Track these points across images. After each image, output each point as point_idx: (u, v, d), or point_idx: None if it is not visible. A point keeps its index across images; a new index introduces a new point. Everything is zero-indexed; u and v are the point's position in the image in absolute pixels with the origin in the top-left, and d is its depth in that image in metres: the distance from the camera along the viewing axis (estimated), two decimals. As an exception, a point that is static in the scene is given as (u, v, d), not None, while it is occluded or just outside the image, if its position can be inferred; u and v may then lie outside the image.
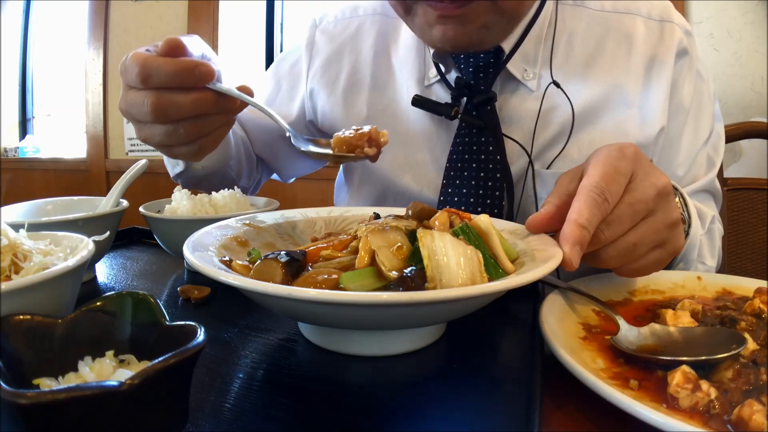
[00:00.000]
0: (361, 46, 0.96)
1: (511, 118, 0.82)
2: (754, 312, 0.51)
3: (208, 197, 0.80)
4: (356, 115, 0.94)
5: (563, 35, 0.83)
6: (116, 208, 0.74)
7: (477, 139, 0.80)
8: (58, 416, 0.29)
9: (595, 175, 0.49)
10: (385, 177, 0.91)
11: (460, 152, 0.81)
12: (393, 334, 0.49)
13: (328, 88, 0.96)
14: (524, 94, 0.82)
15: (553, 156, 0.80)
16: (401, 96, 0.91)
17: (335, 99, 0.95)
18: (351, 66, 0.95)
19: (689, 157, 0.85)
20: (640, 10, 0.83)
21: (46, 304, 0.43)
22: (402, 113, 0.90)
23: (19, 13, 3.53)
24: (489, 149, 0.79)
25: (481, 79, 0.81)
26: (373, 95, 0.93)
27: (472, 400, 0.42)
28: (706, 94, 0.87)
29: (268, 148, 1.06)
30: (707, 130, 0.87)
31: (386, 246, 0.47)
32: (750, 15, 1.93)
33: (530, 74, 0.82)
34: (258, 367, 0.47)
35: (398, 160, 0.90)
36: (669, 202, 0.52)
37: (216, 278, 0.41)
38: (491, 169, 0.78)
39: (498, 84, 0.83)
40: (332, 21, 1.00)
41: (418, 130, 0.89)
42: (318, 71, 0.98)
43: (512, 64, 0.81)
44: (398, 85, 0.92)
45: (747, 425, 0.35)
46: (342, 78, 0.95)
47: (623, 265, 0.52)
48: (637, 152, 0.52)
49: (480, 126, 0.79)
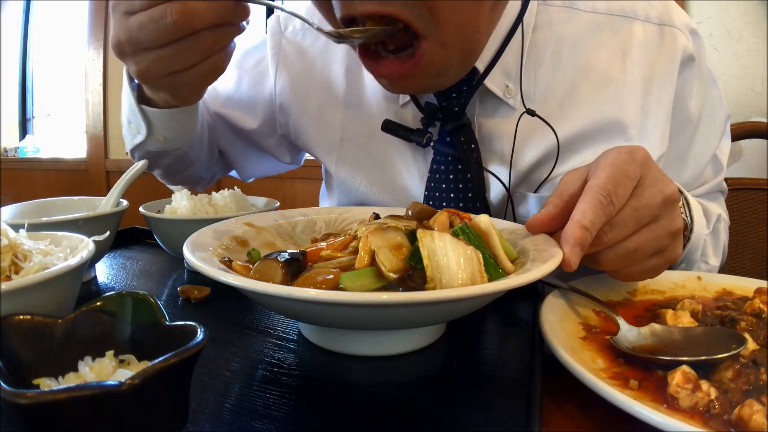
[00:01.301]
0: (331, 61, 0.89)
1: (491, 139, 0.76)
2: (754, 312, 0.51)
3: (208, 197, 0.80)
4: (330, 135, 0.89)
5: (549, 44, 0.75)
6: (116, 208, 0.74)
7: (453, 167, 0.75)
8: (58, 416, 0.29)
9: (603, 176, 0.48)
10: (365, 198, 0.88)
11: (437, 180, 0.77)
12: (393, 334, 0.49)
13: (300, 105, 0.91)
14: (506, 112, 0.75)
15: (540, 178, 0.75)
16: (375, 116, 0.84)
17: (307, 118, 0.91)
18: (323, 83, 0.89)
19: (698, 169, 0.82)
20: (636, 11, 0.74)
21: (46, 304, 0.43)
22: (378, 134, 0.81)
23: (19, 13, 3.54)
24: (466, 177, 0.74)
25: (454, 100, 0.74)
26: (347, 114, 0.88)
27: (472, 400, 0.42)
28: (717, 97, 0.82)
29: (233, 145, 1.01)
30: (718, 136, 0.84)
31: (386, 246, 0.47)
32: (750, 15, 1.93)
33: (512, 90, 0.74)
34: (258, 367, 0.47)
35: (378, 182, 0.86)
36: (674, 210, 0.52)
37: (216, 278, 0.41)
38: (470, 198, 0.75)
39: (476, 102, 0.76)
40: (299, 29, 0.92)
41: (395, 154, 0.84)
42: (287, 86, 0.92)
43: (491, 79, 0.73)
44: (371, 104, 0.85)
45: (747, 425, 0.35)
46: (313, 95, 0.90)
47: (620, 269, 0.52)
48: (647, 157, 0.51)
49: (454, 155, 0.74)
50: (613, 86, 0.73)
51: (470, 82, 0.74)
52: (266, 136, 0.99)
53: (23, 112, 3.63)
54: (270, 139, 0.99)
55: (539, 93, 0.75)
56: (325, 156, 0.91)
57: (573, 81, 0.74)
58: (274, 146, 1.00)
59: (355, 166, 0.88)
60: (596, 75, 0.74)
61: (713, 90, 0.81)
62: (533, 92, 0.75)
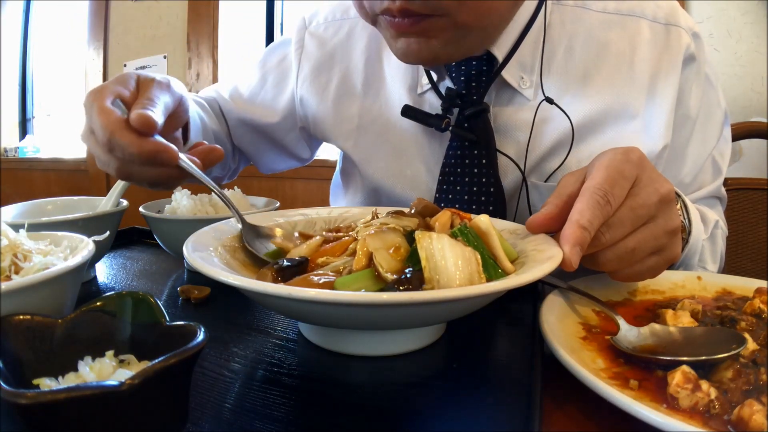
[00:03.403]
0: (352, 51, 0.92)
1: (507, 129, 0.79)
2: (754, 312, 0.51)
3: (208, 197, 0.80)
4: (347, 123, 0.91)
5: (563, 40, 0.78)
6: (116, 208, 0.74)
7: (469, 152, 0.77)
8: (58, 416, 0.29)
9: (599, 177, 0.48)
10: (379, 185, 0.90)
11: (453, 165, 0.79)
12: (393, 334, 0.49)
13: (318, 95, 0.94)
14: (520, 103, 0.79)
15: (551, 168, 0.78)
16: (393, 104, 0.87)
17: (326, 106, 0.93)
18: (342, 73, 0.92)
19: (696, 167, 0.83)
20: (645, 12, 0.78)
21: (46, 304, 0.43)
22: (394, 122, 0.86)
23: (19, 13, 3.54)
24: (482, 162, 0.76)
25: (473, 89, 0.77)
26: (365, 103, 0.90)
27: (472, 400, 0.42)
28: (715, 99, 0.84)
29: (249, 143, 1.04)
30: (715, 137, 0.85)
31: (384, 248, 0.46)
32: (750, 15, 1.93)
33: (527, 82, 0.78)
34: (258, 367, 0.47)
35: (392, 170, 0.88)
36: (671, 209, 0.52)
37: (216, 278, 0.41)
38: (484, 183, 0.76)
39: (493, 92, 0.79)
40: (322, 23, 0.96)
41: (410, 141, 0.86)
42: (308, 78, 0.95)
43: (507, 71, 0.77)
44: (390, 92, 0.88)
45: (747, 425, 0.35)
46: (333, 85, 0.92)
47: (619, 269, 0.52)
48: (642, 157, 0.52)
49: (472, 140, 0.76)
50: (622, 77, 0.77)
51: (489, 72, 0.77)
52: (287, 131, 1.01)
53: (23, 112, 3.63)
54: (290, 134, 1.01)
55: (552, 85, 0.78)
56: (343, 141, 0.93)
57: (584, 73, 0.78)
58: (294, 142, 1.03)
59: (373, 151, 0.90)
60: (606, 67, 0.77)
61: (711, 92, 0.83)
62: (545, 84, 0.78)
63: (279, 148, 1.05)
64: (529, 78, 0.78)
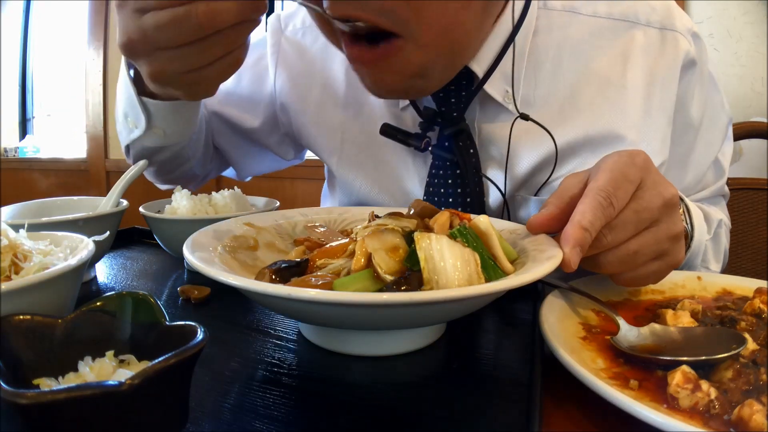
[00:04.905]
0: (332, 59, 0.88)
1: (491, 144, 0.76)
2: (754, 312, 0.51)
3: (208, 197, 0.80)
4: (331, 137, 0.89)
5: (550, 48, 0.74)
6: (116, 208, 0.74)
7: (452, 172, 0.75)
8: (58, 416, 0.29)
9: (603, 179, 0.48)
10: (366, 199, 0.88)
11: (437, 185, 0.76)
12: (393, 334, 0.49)
13: (299, 104, 0.91)
14: (506, 117, 0.74)
15: (540, 182, 0.75)
16: (375, 119, 0.83)
17: (308, 118, 0.91)
18: (323, 82, 0.89)
19: (700, 172, 0.82)
20: (638, 16, 0.73)
21: (46, 304, 0.43)
22: (377, 137, 0.80)
23: (19, 13, 3.53)
24: (465, 182, 0.74)
25: (453, 105, 0.73)
26: (347, 115, 0.87)
27: (472, 400, 0.42)
28: (719, 103, 0.82)
29: (232, 143, 1.01)
30: (719, 141, 0.83)
31: (383, 248, 0.46)
32: (750, 15, 1.93)
33: (512, 96, 0.73)
34: (258, 367, 0.47)
35: (378, 185, 0.86)
36: (674, 214, 0.51)
37: (216, 278, 0.42)
38: (469, 203, 0.75)
39: (476, 106, 0.76)
40: (300, 27, 0.92)
41: (395, 157, 0.84)
42: (287, 85, 0.92)
43: (491, 85, 0.73)
44: (373, 105, 0.85)
45: (747, 425, 0.35)
46: (313, 95, 0.89)
47: (621, 273, 0.52)
48: (647, 160, 0.51)
49: (453, 160, 0.74)
50: (614, 91, 0.73)
51: (469, 87, 0.73)
52: (268, 134, 0.98)
53: (23, 112, 3.63)
54: (272, 137, 0.99)
55: (539, 97, 0.75)
56: (327, 156, 0.91)
57: (573, 85, 0.74)
58: (276, 144, 1.00)
59: (356, 167, 0.88)
60: (597, 79, 0.73)
61: (715, 94, 0.81)
62: (533, 97, 0.75)
63: (258, 148, 1.02)
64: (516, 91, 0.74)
